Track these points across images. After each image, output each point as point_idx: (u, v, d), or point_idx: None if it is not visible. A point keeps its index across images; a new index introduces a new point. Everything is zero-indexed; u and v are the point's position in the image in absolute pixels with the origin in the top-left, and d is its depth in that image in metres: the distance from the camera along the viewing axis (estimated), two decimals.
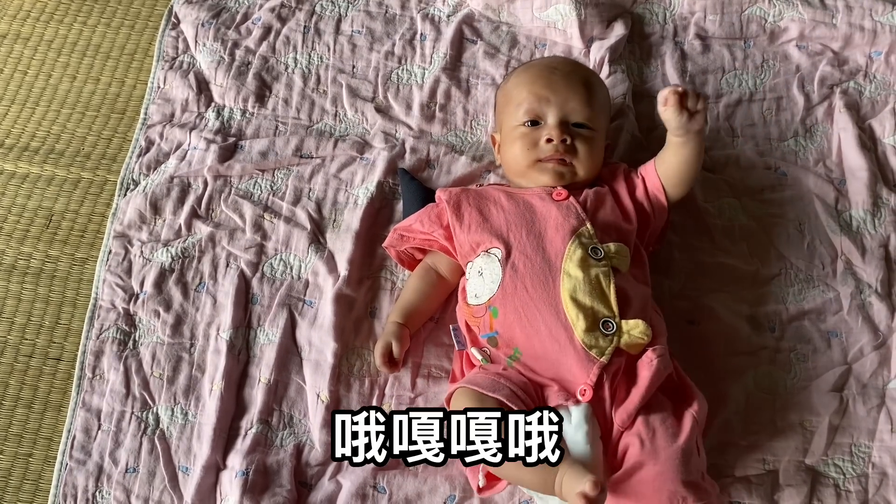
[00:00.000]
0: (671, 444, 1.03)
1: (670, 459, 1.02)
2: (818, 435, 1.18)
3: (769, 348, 1.25)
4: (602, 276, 1.12)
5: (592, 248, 1.14)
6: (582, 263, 1.12)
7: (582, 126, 1.23)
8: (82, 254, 1.40)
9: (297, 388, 1.25)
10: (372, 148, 1.44)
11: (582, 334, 1.08)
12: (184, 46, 1.58)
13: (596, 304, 1.10)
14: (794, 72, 1.47)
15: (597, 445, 1.05)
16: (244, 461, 1.18)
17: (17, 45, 1.61)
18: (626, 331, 1.09)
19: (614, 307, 1.10)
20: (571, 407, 1.06)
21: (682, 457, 1.02)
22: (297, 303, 1.31)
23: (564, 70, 1.29)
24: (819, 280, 1.30)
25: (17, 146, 1.51)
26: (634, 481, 1.02)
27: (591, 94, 1.26)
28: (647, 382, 1.06)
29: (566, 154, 1.22)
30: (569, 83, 1.25)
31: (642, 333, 1.09)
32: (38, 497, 1.22)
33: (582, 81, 1.27)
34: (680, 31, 1.54)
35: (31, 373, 1.31)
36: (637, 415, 1.06)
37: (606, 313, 1.10)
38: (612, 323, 1.09)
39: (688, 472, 1.01)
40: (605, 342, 1.08)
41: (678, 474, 1.00)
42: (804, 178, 1.38)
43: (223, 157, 1.43)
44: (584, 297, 1.10)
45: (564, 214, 1.17)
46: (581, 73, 1.30)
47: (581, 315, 1.09)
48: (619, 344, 1.08)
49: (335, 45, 1.56)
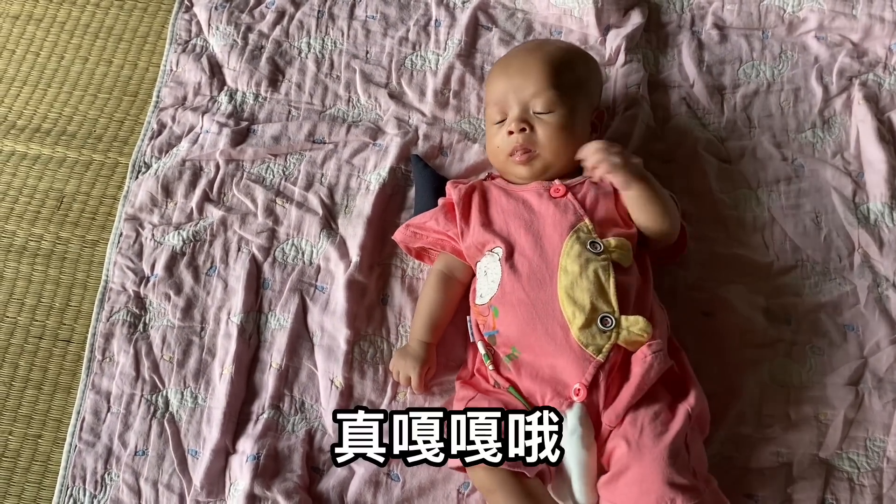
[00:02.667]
0: (657, 443, 1.00)
1: (655, 461, 0.99)
2: (833, 428, 1.17)
3: (785, 341, 1.24)
4: (601, 270, 1.09)
5: (591, 243, 1.11)
6: (579, 258, 1.09)
7: (546, 112, 1.19)
8: (93, 236, 1.39)
9: (309, 373, 1.24)
10: (385, 134, 1.43)
11: (577, 332, 1.06)
12: (197, 29, 1.57)
13: (594, 300, 1.07)
14: (813, 63, 1.46)
15: (592, 448, 1.04)
16: (255, 446, 1.17)
17: (29, 27, 1.61)
18: (625, 327, 1.06)
19: (614, 303, 1.07)
20: (566, 411, 1.04)
21: (669, 456, 0.99)
22: (309, 288, 1.30)
23: (521, 59, 1.24)
24: (836, 273, 1.28)
25: (29, 127, 1.50)
26: (622, 484, 1.00)
27: (552, 75, 1.20)
28: (637, 381, 1.04)
29: (527, 143, 1.19)
30: (525, 72, 1.21)
31: (642, 330, 1.05)
32: (46, 478, 1.22)
33: (540, 66, 1.21)
34: (697, 20, 1.52)
35: (41, 354, 1.31)
36: (626, 413, 1.04)
37: (605, 309, 1.07)
38: (610, 319, 1.07)
39: (674, 472, 0.99)
40: (603, 339, 1.06)
41: (664, 476, 0.98)
42: (822, 170, 1.36)
43: (236, 141, 1.43)
44: (581, 294, 1.07)
45: (562, 211, 1.15)
46: (539, 57, 1.23)
47: (577, 312, 1.06)
48: (617, 341, 1.06)
49: (349, 30, 1.54)
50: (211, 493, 1.17)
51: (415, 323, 1.23)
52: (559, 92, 1.19)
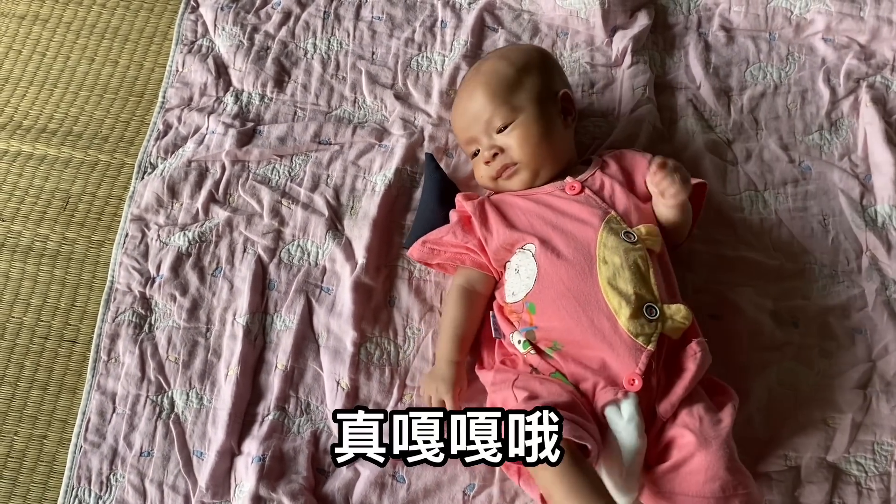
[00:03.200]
0: (718, 433, 1.03)
1: (720, 450, 1.01)
2: (840, 432, 1.17)
3: (792, 344, 1.23)
4: (640, 259, 1.10)
5: (625, 233, 1.12)
6: (618, 249, 1.10)
7: (506, 127, 1.22)
8: (99, 236, 1.39)
9: (315, 374, 1.24)
10: (390, 135, 1.43)
11: (626, 322, 1.06)
12: (203, 30, 1.57)
13: (638, 290, 1.07)
14: (820, 65, 1.45)
15: (644, 437, 1.04)
16: (260, 447, 1.17)
17: (35, 27, 1.61)
18: (668, 315, 1.07)
19: (656, 291, 1.08)
20: (622, 401, 1.04)
21: (729, 447, 1.02)
22: (315, 289, 1.30)
23: (465, 91, 1.28)
24: (844, 276, 1.28)
25: (35, 128, 1.50)
26: (685, 472, 1.01)
27: (493, 93, 1.22)
28: (691, 374, 1.05)
29: (505, 162, 1.22)
30: (471, 101, 1.24)
31: (684, 318, 1.07)
32: (52, 479, 1.22)
33: (480, 89, 1.23)
34: (704, 21, 1.52)
35: (46, 355, 1.31)
36: (680, 406, 1.05)
37: (649, 298, 1.08)
38: (655, 308, 1.07)
39: (734, 459, 1.02)
40: (650, 328, 1.06)
41: (728, 464, 1.00)
42: (829, 172, 1.36)
43: (241, 141, 1.42)
44: (625, 284, 1.08)
45: (586, 206, 1.17)
46: (476, 82, 1.25)
47: (623, 302, 1.06)
48: (662, 329, 1.07)
49: (355, 30, 1.54)
50: (216, 494, 1.17)
51: (440, 343, 1.21)
52: (509, 106, 1.21)
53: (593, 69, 1.47)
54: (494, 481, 1.14)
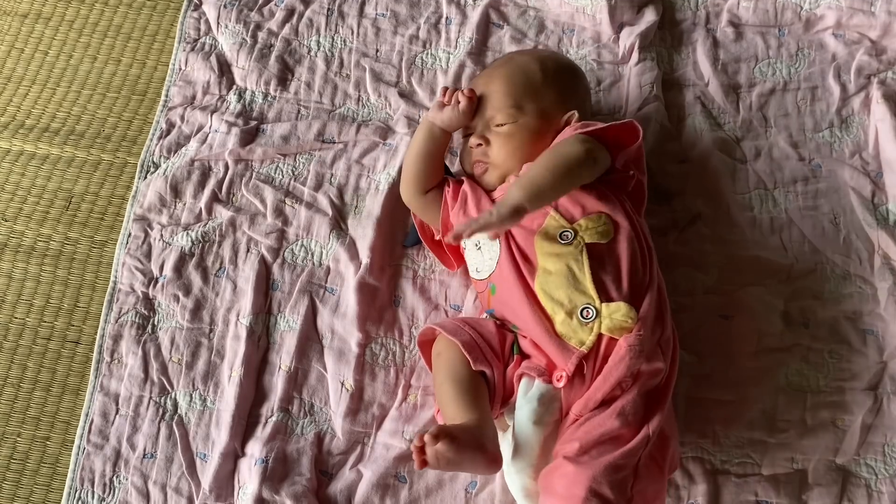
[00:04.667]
0: (603, 453, 0.99)
1: (593, 468, 0.97)
2: (850, 434, 1.16)
3: (803, 345, 1.22)
4: (573, 262, 1.08)
5: (562, 233, 1.10)
6: (551, 255, 1.09)
7: (503, 125, 1.21)
8: (102, 236, 1.39)
9: (318, 376, 1.23)
10: (395, 133, 1.42)
11: (560, 326, 1.06)
12: (206, 28, 1.56)
13: (571, 294, 1.06)
14: (830, 61, 1.43)
15: (544, 427, 1.03)
16: (264, 449, 1.16)
17: (38, 25, 1.60)
18: (606, 315, 1.05)
19: (592, 292, 1.06)
20: (536, 381, 1.05)
21: (608, 469, 0.97)
22: (319, 290, 1.29)
23: (486, 76, 1.27)
24: (855, 275, 1.26)
25: (38, 127, 1.49)
26: (556, 475, 1.00)
27: (509, 90, 1.21)
28: (605, 374, 1.02)
29: (481, 157, 1.22)
30: (487, 88, 1.23)
31: (625, 316, 1.04)
32: (55, 480, 1.21)
33: (499, 81, 1.23)
34: (712, 17, 1.50)
35: (49, 355, 1.30)
36: (596, 407, 1.02)
37: (584, 301, 1.06)
38: (592, 309, 1.05)
39: (605, 484, 0.96)
40: (585, 332, 1.05)
41: (593, 482, 0.96)
42: (839, 170, 1.34)
43: (245, 140, 1.41)
44: (556, 290, 1.07)
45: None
46: (500, 73, 1.25)
47: (556, 307, 1.06)
48: (601, 329, 1.05)
49: (359, 28, 1.53)
50: (219, 496, 1.16)
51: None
52: (515, 107, 1.20)
53: (600, 66, 1.45)
54: (496, 479, 1.14)
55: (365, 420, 1.20)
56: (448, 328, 1.11)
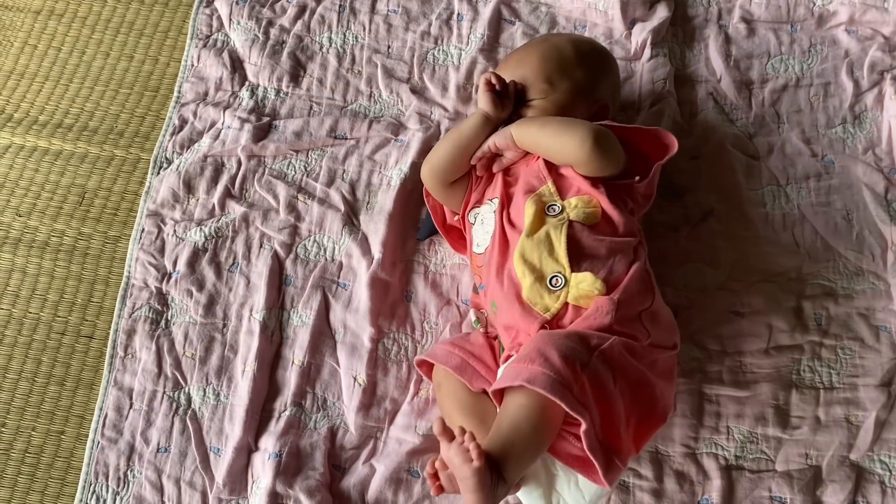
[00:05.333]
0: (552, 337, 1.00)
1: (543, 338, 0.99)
2: (864, 430, 1.15)
3: (815, 341, 1.21)
4: (552, 229, 1.09)
5: (550, 206, 1.12)
6: (535, 222, 1.10)
7: (534, 99, 1.22)
8: (115, 232, 1.39)
9: (331, 370, 1.23)
10: (407, 129, 1.42)
11: (527, 291, 1.07)
12: (218, 24, 1.56)
13: (543, 260, 1.07)
14: (843, 57, 1.43)
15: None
16: (277, 443, 1.17)
17: (51, 22, 1.60)
18: (574, 284, 1.05)
19: (563, 261, 1.07)
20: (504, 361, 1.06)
21: (556, 341, 0.97)
22: (331, 285, 1.29)
23: (523, 50, 1.29)
24: (868, 271, 1.26)
25: (51, 123, 1.50)
26: (507, 368, 1.01)
27: (545, 66, 1.22)
28: (542, 337, 1.00)
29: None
30: (523, 62, 1.24)
31: (591, 286, 1.04)
32: (69, 474, 1.22)
33: (536, 56, 1.24)
34: (724, 13, 1.50)
35: (63, 350, 1.31)
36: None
37: (555, 268, 1.07)
38: (561, 278, 1.06)
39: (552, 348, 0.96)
40: (551, 299, 1.06)
41: (539, 345, 0.97)
42: (852, 166, 1.34)
43: (257, 136, 1.42)
44: (531, 254, 1.08)
45: (528, 176, 1.17)
46: (538, 48, 1.26)
47: (526, 271, 1.07)
48: (567, 298, 1.05)
49: (370, 24, 1.53)
50: (233, 490, 1.16)
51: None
52: (548, 83, 1.21)
53: None
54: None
55: (377, 415, 1.20)
56: (439, 356, 1.13)
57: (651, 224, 1.30)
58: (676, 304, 1.23)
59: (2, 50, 1.58)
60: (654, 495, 1.14)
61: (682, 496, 1.14)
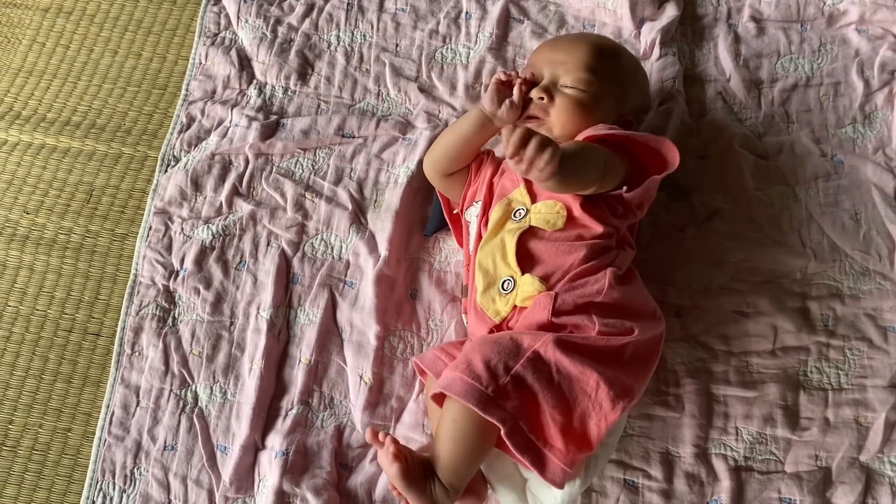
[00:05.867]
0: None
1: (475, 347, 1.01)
2: (874, 431, 1.15)
3: (822, 342, 1.21)
4: (508, 235, 1.10)
5: (516, 211, 1.13)
6: (496, 227, 1.12)
7: (571, 87, 1.18)
8: (122, 229, 1.39)
9: (338, 369, 1.23)
10: (414, 128, 1.41)
11: (479, 296, 1.09)
12: (226, 22, 1.56)
13: (495, 264, 1.09)
14: (853, 56, 1.42)
15: None
16: (284, 442, 1.16)
17: (59, 19, 1.60)
18: (521, 285, 1.06)
19: (513, 265, 1.08)
20: None
21: (483, 348, 1.00)
22: (338, 283, 1.29)
23: (571, 39, 1.29)
24: (875, 272, 1.25)
25: (59, 120, 1.50)
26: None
27: (592, 60, 1.19)
28: (476, 342, 1.03)
29: (539, 111, 1.18)
30: (570, 50, 1.21)
31: (531, 286, 1.05)
32: (76, 472, 1.22)
33: (586, 49, 1.20)
34: (734, 12, 1.49)
35: (70, 347, 1.31)
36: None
37: (507, 272, 1.08)
38: (511, 281, 1.07)
39: (477, 355, 0.99)
40: (502, 302, 1.07)
41: (467, 353, 1.02)
42: (862, 166, 1.33)
43: (265, 134, 1.42)
44: (486, 259, 1.10)
45: (508, 178, 1.18)
46: (588, 41, 1.23)
47: (481, 277, 1.09)
48: (515, 300, 1.06)
49: (378, 22, 1.53)
50: (240, 488, 1.16)
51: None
52: (592, 76, 1.18)
53: None
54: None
55: (384, 413, 1.20)
56: (427, 362, 1.12)
57: (657, 224, 1.29)
58: (680, 304, 1.23)
59: (10, 47, 1.58)
60: (663, 496, 1.14)
61: (691, 497, 1.13)
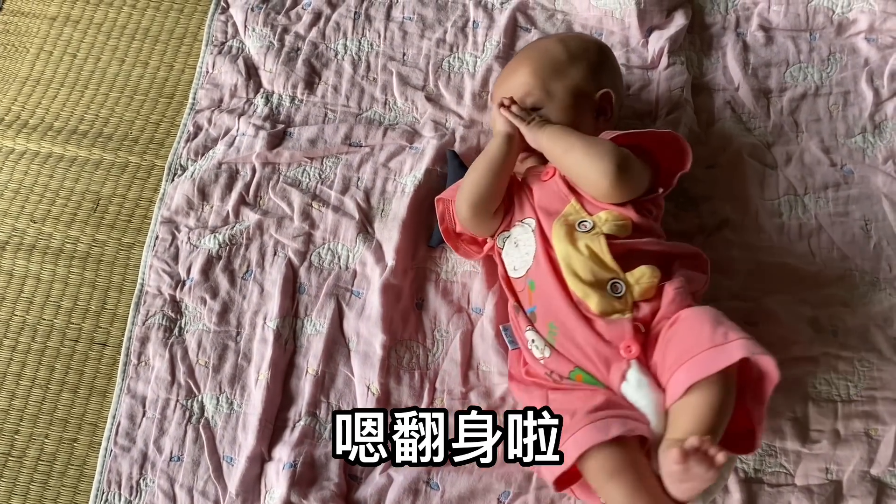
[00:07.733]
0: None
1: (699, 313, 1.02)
2: (885, 444, 1.14)
3: (831, 353, 1.20)
4: (591, 241, 1.09)
5: (580, 223, 1.12)
6: (568, 238, 1.10)
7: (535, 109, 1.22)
8: (129, 239, 1.39)
9: (346, 379, 1.23)
10: (421, 137, 1.41)
11: (597, 306, 1.06)
12: (233, 31, 1.56)
13: (595, 271, 1.08)
14: (863, 65, 1.42)
15: (658, 391, 1.02)
16: (292, 453, 1.16)
17: (66, 28, 1.60)
18: (633, 283, 1.07)
19: (614, 266, 1.08)
20: (628, 371, 1.03)
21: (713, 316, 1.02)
22: (345, 293, 1.29)
23: (513, 63, 1.29)
24: (886, 283, 1.25)
25: (66, 129, 1.50)
26: (672, 346, 1.01)
27: (535, 73, 1.23)
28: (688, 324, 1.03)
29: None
30: (514, 74, 1.25)
31: (650, 278, 1.07)
32: (82, 482, 1.21)
33: (525, 65, 1.25)
34: (742, 21, 1.49)
35: (76, 357, 1.30)
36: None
37: (609, 276, 1.08)
38: (620, 284, 1.07)
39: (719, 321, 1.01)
40: (621, 304, 1.07)
41: (712, 321, 1.00)
42: (872, 176, 1.32)
43: (272, 143, 1.41)
44: (581, 269, 1.08)
45: (549, 196, 1.17)
46: (525, 56, 1.27)
47: (587, 288, 1.07)
48: (634, 298, 1.07)
49: (386, 31, 1.53)
50: (246, 500, 1.16)
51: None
52: (543, 89, 1.21)
53: (629, 71, 1.44)
54: (530, 489, 1.13)
55: None
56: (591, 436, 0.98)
57: (666, 233, 1.28)
58: None
59: (17, 56, 1.58)
60: None
61: None
